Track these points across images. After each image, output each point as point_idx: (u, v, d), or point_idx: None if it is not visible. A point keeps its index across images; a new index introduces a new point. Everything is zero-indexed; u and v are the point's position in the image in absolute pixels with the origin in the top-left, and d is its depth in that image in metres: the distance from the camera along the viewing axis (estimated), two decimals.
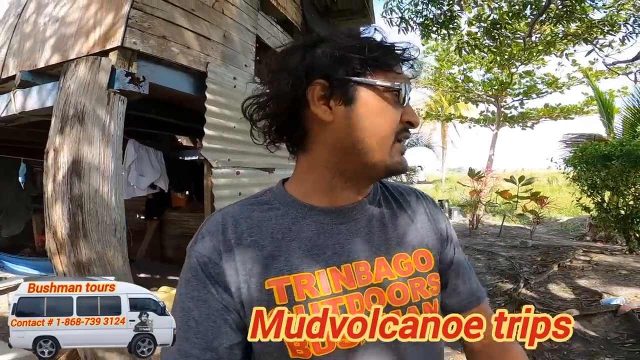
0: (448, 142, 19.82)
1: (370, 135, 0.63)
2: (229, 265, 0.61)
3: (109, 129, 1.98)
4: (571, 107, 12.11)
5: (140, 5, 2.19)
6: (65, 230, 1.79)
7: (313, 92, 0.63)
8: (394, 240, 0.69)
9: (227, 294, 0.60)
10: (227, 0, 3.04)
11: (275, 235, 0.64)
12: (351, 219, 0.67)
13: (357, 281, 0.63)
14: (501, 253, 6.83)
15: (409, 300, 0.65)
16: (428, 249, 0.72)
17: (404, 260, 0.68)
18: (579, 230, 9.76)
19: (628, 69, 6.70)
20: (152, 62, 2.37)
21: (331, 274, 0.63)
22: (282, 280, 0.61)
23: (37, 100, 2.18)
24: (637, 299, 4.04)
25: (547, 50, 9.01)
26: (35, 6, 2.48)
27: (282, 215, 0.66)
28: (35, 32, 2.41)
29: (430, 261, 0.71)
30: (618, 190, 6.24)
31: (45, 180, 1.92)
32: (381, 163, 0.64)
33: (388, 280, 0.65)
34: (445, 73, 12.11)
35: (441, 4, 6.05)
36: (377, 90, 0.63)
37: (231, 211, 0.67)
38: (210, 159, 2.84)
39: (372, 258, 0.66)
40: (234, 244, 0.62)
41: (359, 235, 0.67)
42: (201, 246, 0.63)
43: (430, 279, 0.69)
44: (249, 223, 0.65)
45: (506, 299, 4.47)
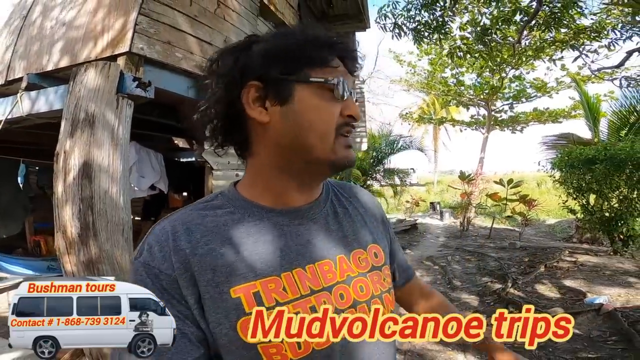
0: (440, 145, 20.14)
1: (309, 132, 0.62)
2: (185, 276, 0.58)
3: (118, 133, 2.05)
4: (559, 111, 12.37)
5: (147, 11, 2.26)
6: (76, 230, 1.86)
7: (247, 94, 0.62)
8: (350, 238, 0.70)
9: (183, 307, 0.58)
10: (228, 6, 3.12)
11: (233, 240, 0.61)
12: (309, 219, 0.67)
13: (323, 280, 0.63)
14: (490, 254, 7.00)
15: (371, 294, 0.66)
16: (378, 244, 0.73)
17: (361, 256, 0.69)
18: (566, 232, 10.01)
19: (614, 74, 6.91)
20: (157, 67, 2.45)
21: (297, 275, 0.62)
22: (249, 287, 0.58)
23: (45, 103, 2.23)
24: (620, 298, 4.21)
25: (536, 56, 9.22)
26: (42, 9, 2.52)
27: (239, 219, 0.64)
28: (42, 35, 2.46)
29: (381, 255, 0.73)
30: (602, 193, 6.41)
31: (55, 181, 1.98)
32: (325, 159, 0.63)
33: (350, 277, 0.65)
34: (438, 77, 12.32)
35: (434, 9, 6.20)
36: (312, 87, 0.62)
37: (180, 218, 0.63)
38: (211, 161, 2.92)
39: (334, 257, 0.66)
40: (188, 254, 0.59)
41: (318, 235, 0.66)
42: (149, 257, 0.59)
43: (385, 271, 0.72)
44: (202, 230, 0.61)
45: (495, 299, 4.61)
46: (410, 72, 12.73)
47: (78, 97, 2.00)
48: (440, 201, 14.39)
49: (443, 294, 3.90)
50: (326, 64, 0.63)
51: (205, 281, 0.58)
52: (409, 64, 12.55)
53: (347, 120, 0.64)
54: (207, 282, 0.58)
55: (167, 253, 0.59)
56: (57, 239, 1.94)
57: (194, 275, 0.58)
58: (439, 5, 6.07)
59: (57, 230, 1.95)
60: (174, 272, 0.58)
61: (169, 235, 0.60)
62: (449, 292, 5.04)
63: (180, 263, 0.58)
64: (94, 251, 1.85)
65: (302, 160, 0.64)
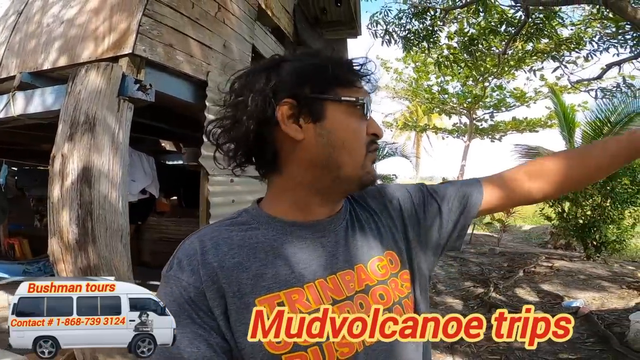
0: (422, 152, 20.54)
1: (342, 150, 0.64)
2: (212, 288, 0.60)
3: (118, 137, 2.01)
4: (536, 120, 12.88)
5: (151, 12, 2.23)
6: (73, 236, 1.81)
7: (282, 112, 0.63)
8: (368, 246, 0.71)
9: (209, 318, 0.59)
10: (228, 9, 3.11)
11: (258, 254, 0.63)
12: (330, 231, 0.68)
13: (345, 290, 0.64)
14: (472, 259, 7.20)
15: (392, 302, 0.67)
16: (393, 250, 0.73)
17: (380, 263, 0.70)
18: (541, 238, 10.41)
19: (589, 85, 7.24)
20: (157, 70, 2.40)
21: (320, 286, 0.63)
22: (274, 298, 0.60)
23: (41, 103, 2.15)
24: (594, 301, 4.43)
25: (518, 66, 9.55)
26: (41, 5, 2.42)
27: (263, 234, 0.66)
28: (39, 33, 2.36)
29: (396, 261, 0.72)
30: (577, 202, 6.73)
31: (51, 185, 1.92)
32: (355, 176, 0.66)
33: (369, 286, 0.67)
34: (423, 84, 12.60)
35: (424, 18, 6.36)
36: (343, 106, 0.65)
37: (208, 233, 0.66)
38: (207, 166, 2.90)
39: (353, 266, 0.67)
40: (216, 267, 0.61)
41: (339, 247, 0.68)
42: (179, 271, 0.62)
43: (402, 276, 0.71)
44: (229, 244, 0.64)
45: (478, 302, 4.75)
46: (396, 78, 12.96)
47: (78, 99, 1.95)
48: None
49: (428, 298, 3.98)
50: (353, 84, 0.67)
51: (232, 293, 0.60)
52: (395, 71, 12.77)
53: (373, 138, 0.68)
54: (233, 294, 0.60)
55: (195, 266, 0.61)
56: (52, 244, 1.88)
57: (221, 288, 0.60)
58: (430, 14, 6.23)
59: (51, 235, 1.89)
60: (202, 285, 0.60)
61: (197, 249, 0.63)
62: (434, 297, 5.15)
63: (208, 276, 0.60)
64: (92, 257, 1.81)
65: (332, 177, 0.65)
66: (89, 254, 1.79)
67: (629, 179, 6.11)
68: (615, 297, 4.54)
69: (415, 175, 22.19)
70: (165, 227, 5.91)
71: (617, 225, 6.44)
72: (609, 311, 4.09)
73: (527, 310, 0.62)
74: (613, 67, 5.88)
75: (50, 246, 1.88)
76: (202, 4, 2.75)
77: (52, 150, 1.95)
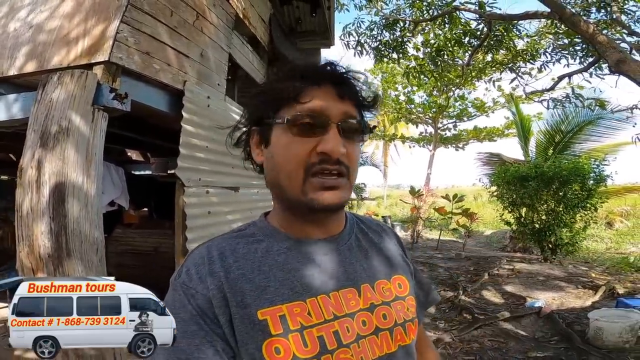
0: (389, 161, 21.06)
1: (279, 173, 0.65)
2: (218, 297, 0.61)
3: (93, 147, 1.92)
4: (494, 129, 13.61)
5: (129, 19, 2.15)
6: (45, 250, 1.70)
7: (252, 139, 0.71)
8: (375, 269, 0.73)
9: (215, 325, 0.60)
10: (206, 18, 3.07)
11: (262, 267, 0.65)
12: (333, 250, 0.70)
13: (346, 307, 0.65)
14: (440, 264, 7.44)
15: (394, 322, 0.69)
16: (403, 275, 0.76)
17: (385, 286, 0.72)
18: (501, 242, 10.96)
19: (542, 95, 7.75)
20: (133, 78, 2.32)
21: (322, 301, 0.64)
22: (276, 310, 0.61)
23: (5, 111, 1.99)
24: (554, 301, 4.72)
25: (478, 76, 10.08)
26: (7, 10, 2.27)
27: (268, 248, 0.67)
28: (4, 38, 2.21)
29: (405, 286, 0.75)
30: (533, 207, 7.13)
31: (20, 197, 1.79)
32: (296, 201, 0.64)
33: (374, 305, 0.68)
34: (391, 94, 12.98)
35: (394, 29, 6.60)
36: (282, 127, 0.64)
37: (216, 244, 0.67)
38: (183, 178, 2.82)
39: (357, 285, 0.68)
40: (222, 277, 0.62)
41: (342, 266, 0.69)
42: (187, 279, 0.63)
43: (409, 301, 0.74)
44: (235, 256, 0.65)
45: (449, 306, 4.92)
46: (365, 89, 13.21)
47: (49, 107, 1.84)
48: (390, 215, 14.98)
49: None
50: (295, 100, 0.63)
51: (236, 302, 0.61)
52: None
53: (321, 158, 0.62)
54: (237, 304, 0.61)
55: (203, 275, 0.63)
56: (21, 258, 1.76)
57: (226, 297, 0.61)
58: (399, 26, 6.47)
59: (20, 249, 1.77)
60: (209, 293, 0.61)
61: (205, 259, 0.65)
62: None
63: (215, 285, 0.62)
64: (67, 271, 1.70)
65: (283, 199, 0.68)
66: (64, 268, 1.69)
67: (579, 185, 6.55)
68: (573, 297, 4.87)
69: (384, 184, 22.73)
70: (131, 239, 5.64)
71: (569, 229, 6.87)
72: (568, 310, 4.37)
73: None
74: (564, 78, 6.34)
75: (19, 260, 1.76)
76: (180, 12, 2.70)
77: (20, 162, 1.83)
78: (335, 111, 0.63)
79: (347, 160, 0.64)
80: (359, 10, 6.83)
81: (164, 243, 5.63)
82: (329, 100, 0.63)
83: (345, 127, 0.64)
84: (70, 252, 1.73)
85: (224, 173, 3.38)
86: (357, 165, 0.68)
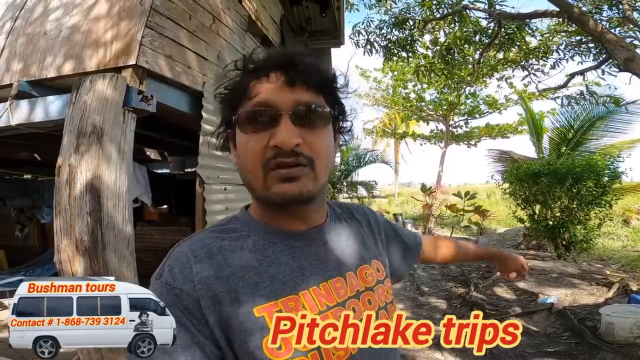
0: (400, 158, 21.06)
1: (244, 171, 0.65)
2: (207, 297, 0.59)
3: (124, 147, 2.05)
4: (507, 126, 13.49)
5: (153, 24, 2.27)
6: (83, 244, 1.83)
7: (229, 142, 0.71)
8: (356, 256, 0.74)
9: (202, 326, 0.58)
10: (222, 21, 3.19)
11: (252, 263, 0.64)
12: (317, 240, 0.70)
13: (336, 296, 0.67)
14: None
15: (378, 306, 0.71)
16: (378, 259, 0.79)
17: (367, 271, 0.74)
18: (514, 239, 10.86)
19: (555, 92, 7.66)
20: (157, 81, 2.45)
21: (314, 293, 0.65)
22: (272, 306, 0.61)
23: (43, 113, 2.13)
24: (567, 298, 4.73)
25: (490, 74, 10.01)
26: (41, 12, 2.40)
27: (254, 243, 0.66)
28: (37, 40, 2.35)
29: (382, 269, 0.78)
30: (547, 204, 7.08)
31: (58, 194, 1.93)
32: (262, 196, 0.64)
33: (359, 292, 0.70)
34: (401, 92, 12.99)
35: (404, 28, 6.65)
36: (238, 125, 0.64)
37: (199, 241, 0.65)
38: (204, 175, 2.95)
39: (343, 274, 0.70)
40: (211, 276, 0.60)
41: (328, 255, 0.70)
42: (170, 278, 0.61)
43: (387, 284, 0.77)
44: (223, 253, 0.64)
45: (461, 302, 4.97)
46: (375, 87, 13.31)
47: (84, 109, 1.98)
48: (402, 212, 14.99)
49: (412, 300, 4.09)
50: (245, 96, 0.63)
51: (230, 301, 0.60)
52: (374, 80, 13.12)
53: (275, 152, 0.61)
54: (231, 302, 0.59)
55: (188, 274, 0.60)
56: (59, 251, 1.89)
57: (216, 296, 0.59)
58: (409, 24, 6.51)
59: (58, 243, 1.91)
60: (196, 293, 0.59)
61: (190, 257, 0.62)
62: (419, 297, 5.34)
63: (203, 284, 0.60)
64: (102, 264, 1.84)
65: (257, 198, 0.68)
66: (99, 260, 1.82)
67: (593, 182, 6.47)
68: (586, 294, 4.86)
69: (395, 181, 22.73)
70: (149, 236, 5.84)
71: (584, 226, 6.80)
72: (581, 307, 4.37)
73: (475, 316, 0.61)
74: (577, 75, 6.30)
75: (57, 253, 1.90)
76: (198, 16, 2.82)
77: (58, 161, 1.97)
78: (285, 100, 0.61)
79: (308, 149, 0.62)
80: (368, 10, 6.88)
81: (181, 239, 5.81)
82: (277, 90, 0.62)
83: (300, 114, 0.61)
84: (105, 245, 1.86)
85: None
86: (326, 152, 0.65)
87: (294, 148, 0.60)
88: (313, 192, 0.63)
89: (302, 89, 0.62)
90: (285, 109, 0.61)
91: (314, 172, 0.62)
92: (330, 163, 0.67)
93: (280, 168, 0.60)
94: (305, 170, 0.61)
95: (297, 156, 0.60)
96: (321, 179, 0.64)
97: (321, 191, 0.67)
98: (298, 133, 0.60)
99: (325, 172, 0.66)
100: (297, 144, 0.60)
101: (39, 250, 5.68)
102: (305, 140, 0.61)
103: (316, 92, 0.63)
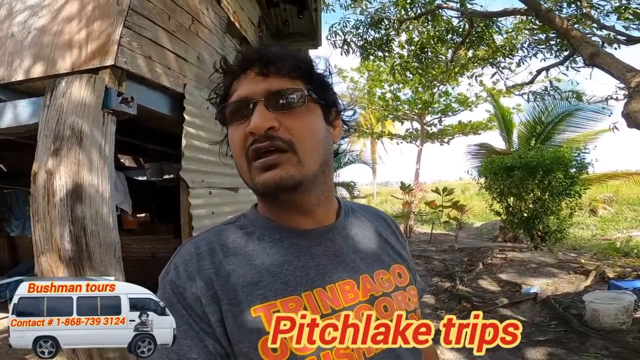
0: (377, 159, 21.31)
1: (236, 166, 0.65)
2: (208, 295, 0.58)
3: (105, 151, 1.94)
4: (478, 123, 13.92)
5: (131, 24, 2.18)
6: (67, 253, 1.72)
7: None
8: (372, 259, 0.70)
9: (204, 324, 0.58)
10: (201, 22, 3.11)
11: (253, 261, 0.62)
12: (327, 239, 0.67)
13: (344, 300, 0.63)
14: (435, 257, 7.59)
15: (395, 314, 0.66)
16: (402, 265, 0.73)
17: (384, 276, 0.69)
18: (491, 233, 11.22)
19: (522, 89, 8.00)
20: (137, 82, 2.35)
21: (318, 295, 0.62)
22: (270, 306, 0.59)
23: (13, 117, 1.99)
24: (548, 287, 4.89)
25: (461, 72, 10.31)
26: (5, 14, 2.26)
27: (259, 240, 0.65)
28: (5, 42, 2.19)
29: (406, 276, 0.73)
30: (520, 196, 7.33)
31: (35, 202, 1.81)
32: (252, 188, 0.64)
33: (374, 296, 0.65)
34: (377, 92, 13.17)
35: (379, 28, 6.75)
36: (226, 124, 0.66)
37: (205, 239, 0.65)
38: (188, 179, 2.86)
39: (356, 277, 0.66)
40: (212, 274, 0.60)
41: (338, 256, 0.66)
42: (175, 276, 0.61)
43: (410, 291, 0.71)
44: (225, 251, 0.63)
45: (448, 295, 5.04)
46: (352, 87, 13.45)
47: (60, 112, 1.86)
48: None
49: None
50: (227, 94, 0.65)
51: (228, 300, 0.59)
52: (351, 80, 13.26)
53: (252, 140, 0.61)
54: (228, 302, 0.59)
55: (191, 273, 0.60)
56: (41, 263, 1.77)
57: (216, 295, 0.59)
58: (384, 24, 6.62)
59: (39, 253, 1.78)
60: (198, 291, 0.59)
61: (194, 255, 0.62)
62: None
63: (204, 282, 0.59)
64: (88, 273, 1.73)
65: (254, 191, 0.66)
66: (85, 269, 1.71)
67: (562, 173, 6.77)
68: (566, 282, 5.04)
69: (373, 181, 22.96)
70: (127, 246, 5.61)
71: (556, 216, 7.10)
72: (563, 295, 4.53)
73: (475, 316, 0.61)
74: (542, 72, 6.57)
75: (38, 265, 1.77)
76: (177, 17, 2.74)
77: (33, 167, 1.84)
78: (258, 90, 0.61)
79: (287, 133, 0.60)
80: (344, 10, 6.94)
81: (161, 248, 5.60)
82: (251, 82, 0.62)
83: (273, 99, 0.61)
84: (90, 254, 1.75)
85: (223, 174, 3.42)
86: (310, 135, 0.63)
87: (268, 132, 0.59)
88: (297, 177, 0.61)
89: (276, 77, 0.62)
90: (258, 97, 0.61)
91: (296, 156, 0.60)
92: (320, 148, 0.64)
93: (260, 157, 0.60)
94: (286, 156, 0.60)
95: (273, 140, 0.60)
96: (308, 164, 0.62)
97: (312, 178, 0.63)
98: (273, 117, 0.60)
99: (314, 157, 0.63)
100: (271, 127, 0.60)
101: (10, 264, 5.40)
102: (283, 123, 0.60)
103: (291, 79, 0.63)
